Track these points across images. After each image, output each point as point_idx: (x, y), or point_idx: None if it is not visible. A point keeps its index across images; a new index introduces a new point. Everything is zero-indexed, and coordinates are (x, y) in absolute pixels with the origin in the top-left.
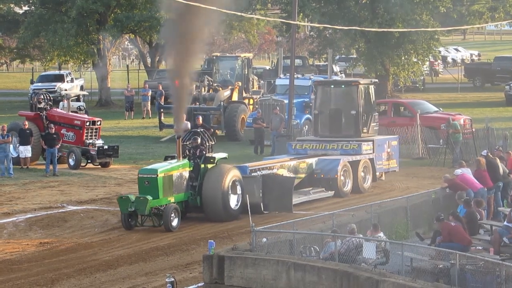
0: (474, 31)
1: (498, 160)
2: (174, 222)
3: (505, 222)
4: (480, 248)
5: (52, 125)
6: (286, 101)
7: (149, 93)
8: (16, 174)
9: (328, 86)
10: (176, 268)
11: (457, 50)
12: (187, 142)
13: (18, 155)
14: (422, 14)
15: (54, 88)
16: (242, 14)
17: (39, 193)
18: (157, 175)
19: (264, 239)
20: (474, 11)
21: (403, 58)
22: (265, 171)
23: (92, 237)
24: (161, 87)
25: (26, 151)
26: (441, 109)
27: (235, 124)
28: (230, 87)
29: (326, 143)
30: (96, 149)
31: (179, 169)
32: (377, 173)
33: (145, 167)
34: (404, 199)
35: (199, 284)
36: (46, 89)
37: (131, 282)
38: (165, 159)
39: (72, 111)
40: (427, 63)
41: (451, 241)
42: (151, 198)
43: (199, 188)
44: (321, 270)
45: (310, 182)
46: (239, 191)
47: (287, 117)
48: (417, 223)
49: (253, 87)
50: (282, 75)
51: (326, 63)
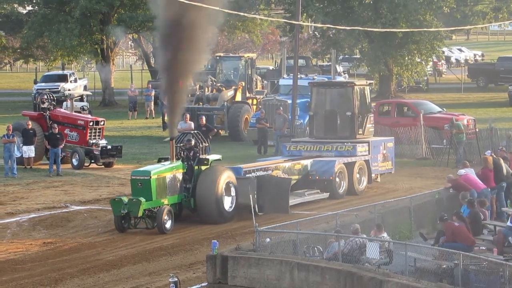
0: (478, 32)
1: (502, 161)
2: (168, 224)
3: (509, 223)
4: (484, 248)
5: (56, 125)
6: (290, 101)
7: (153, 93)
8: (20, 174)
9: (323, 87)
10: (180, 268)
11: (461, 51)
12: (181, 144)
13: (22, 155)
14: (426, 14)
15: (58, 88)
16: (245, 14)
17: (43, 193)
18: (150, 177)
19: (268, 239)
20: (478, 11)
21: (407, 58)
22: (260, 173)
23: (96, 237)
24: None
25: (30, 151)
26: (445, 110)
27: (239, 124)
28: (234, 87)
29: (321, 145)
30: (100, 149)
31: (173, 171)
32: (373, 175)
33: (138, 169)
34: (408, 199)
35: (203, 284)
36: (50, 89)
37: (135, 282)
38: (159, 161)
39: (76, 111)
40: (431, 63)
41: (455, 241)
42: (144, 200)
43: (193, 190)
44: (325, 270)
45: (305, 184)
46: (233, 193)
47: (291, 117)
48: (421, 223)
49: (257, 87)
50: (286, 75)
51: (330, 64)
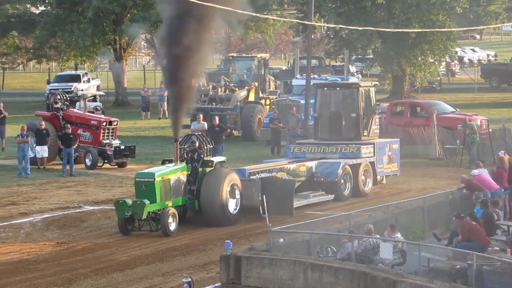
0: (491, 32)
1: None
2: (172, 227)
3: None
4: (497, 249)
5: (69, 125)
6: (303, 102)
7: (166, 93)
8: (33, 174)
9: (328, 89)
10: (193, 268)
11: (474, 51)
12: (185, 146)
13: (35, 155)
14: (439, 15)
15: (71, 88)
16: (258, 15)
17: (56, 193)
18: (154, 179)
19: (281, 240)
20: (491, 12)
21: (420, 59)
22: (264, 174)
23: (109, 237)
24: None
25: (43, 151)
26: (458, 110)
27: (252, 125)
28: (247, 88)
29: (325, 146)
30: (113, 149)
31: (177, 173)
32: (378, 177)
33: (142, 171)
34: (421, 200)
35: (216, 284)
36: (63, 89)
37: (148, 282)
38: (163, 163)
39: (89, 111)
40: (444, 64)
41: (470, 240)
42: (148, 202)
43: (197, 192)
44: (338, 271)
45: (310, 186)
46: (238, 195)
47: (304, 118)
48: (434, 224)
49: (270, 88)
50: (299, 76)
51: (343, 64)
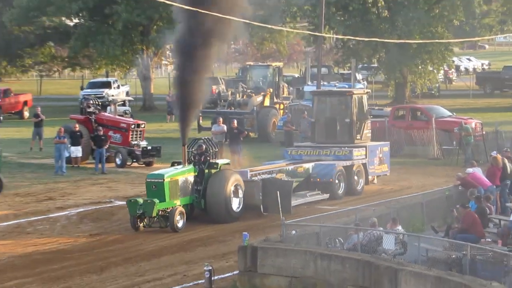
0: (485, 42)
1: (506, 160)
2: (180, 224)
3: None
4: (490, 240)
5: (101, 128)
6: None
7: None
8: (69, 172)
9: (324, 96)
10: (214, 258)
11: (469, 60)
12: (193, 149)
13: (70, 155)
14: (438, 27)
15: (102, 94)
16: (273, 27)
17: (89, 189)
18: (164, 180)
19: (293, 232)
20: (485, 24)
21: (420, 67)
22: (265, 176)
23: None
24: None
25: (77, 151)
26: (455, 114)
27: (267, 127)
28: (262, 93)
29: (320, 149)
30: (141, 150)
31: (185, 174)
32: (370, 177)
33: (153, 172)
34: (421, 196)
35: (235, 272)
36: (95, 95)
37: (173, 270)
38: (172, 165)
39: (119, 115)
40: (442, 72)
41: (469, 230)
42: (158, 201)
43: (203, 192)
44: (345, 260)
45: (307, 186)
46: (241, 195)
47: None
48: (432, 218)
49: (283, 94)
50: (310, 82)
51: (350, 72)
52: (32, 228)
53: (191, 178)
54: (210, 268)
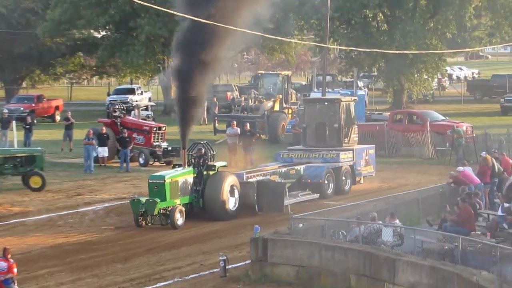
0: (475, 53)
1: (494, 160)
2: (179, 221)
3: (500, 212)
4: (479, 233)
5: (125, 130)
6: None
7: (205, 104)
8: (96, 171)
9: (315, 103)
10: (228, 248)
11: (461, 69)
12: (192, 152)
13: (97, 155)
14: (432, 39)
15: (127, 100)
16: (282, 38)
17: (115, 186)
18: (165, 181)
19: (301, 225)
20: (475, 37)
21: (416, 76)
22: (260, 177)
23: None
24: (216, 99)
25: (104, 152)
26: (447, 118)
27: (277, 130)
28: (273, 99)
29: (310, 153)
30: (162, 150)
31: (184, 175)
32: (357, 178)
33: (154, 174)
34: (416, 192)
35: (247, 262)
36: (120, 100)
37: (191, 260)
38: (173, 167)
39: (142, 119)
40: (436, 80)
41: (463, 223)
42: (159, 201)
43: (202, 192)
44: (348, 251)
45: (299, 186)
46: (237, 195)
47: None
48: (427, 212)
49: (292, 99)
50: (316, 89)
51: (352, 80)
52: (63, 222)
53: (191, 179)
54: (225, 258)
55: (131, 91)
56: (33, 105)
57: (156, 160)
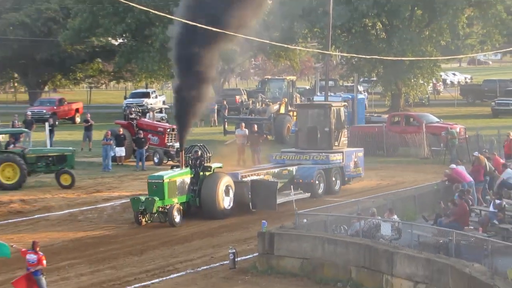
0: (468, 60)
1: (486, 160)
2: (177, 219)
3: (491, 208)
4: (472, 228)
5: (141, 131)
6: None
7: (216, 107)
8: (114, 169)
9: (307, 108)
10: (237, 242)
11: (454, 74)
12: (190, 154)
13: (115, 154)
14: (427, 47)
15: (142, 103)
16: (288, 46)
17: (131, 184)
18: (163, 181)
19: (305, 220)
20: (468, 44)
21: (413, 81)
22: (254, 177)
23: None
24: (225, 102)
25: (121, 151)
26: (442, 120)
27: (282, 131)
28: (279, 102)
29: (301, 155)
30: (175, 150)
31: (182, 176)
32: (346, 178)
33: (154, 174)
34: (413, 189)
35: (255, 254)
36: (136, 103)
37: (202, 252)
38: (172, 168)
39: (156, 121)
40: (431, 84)
41: (458, 219)
42: (158, 199)
43: (198, 191)
44: (349, 244)
45: (291, 186)
46: (231, 194)
47: None
48: (423, 208)
49: (296, 102)
50: (319, 93)
51: (353, 84)
52: (83, 217)
53: (188, 179)
54: (234, 251)
55: (146, 95)
56: (55, 108)
57: (170, 159)
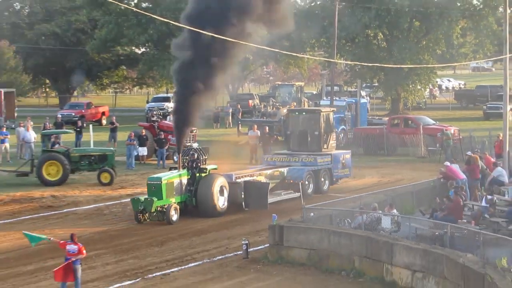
0: (461, 67)
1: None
2: (174, 218)
3: (483, 203)
4: (465, 221)
5: (162, 133)
6: None
7: (230, 110)
8: (136, 167)
9: (298, 113)
10: (250, 234)
11: (449, 80)
12: (187, 157)
13: (138, 154)
14: (424, 55)
15: (163, 106)
16: (297, 55)
17: None
18: (161, 182)
19: (312, 214)
20: (462, 53)
21: (411, 86)
22: (247, 178)
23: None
24: (239, 106)
25: (143, 151)
26: (437, 122)
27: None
28: (288, 106)
29: (291, 157)
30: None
31: (179, 177)
32: (334, 179)
33: (152, 176)
34: (411, 186)
35: (266, 245)
36: (158, 107)
37: (217, 244)
38: (170, 169)
39: None
40: (428, 90)
41: (454, 212)
42: (156, 199)
43: (195, 192)
44: (352, 236)
45: (282, 186)
46: (225, 194)
47: None
48: (420, 203)
49: (304, 106)
50: (325, 98)
51: (356, 89)
52: (108, 211)
53: (185, 180)
54: (247, 242)
55: (167, 99)
56: (83, 111)
57: None
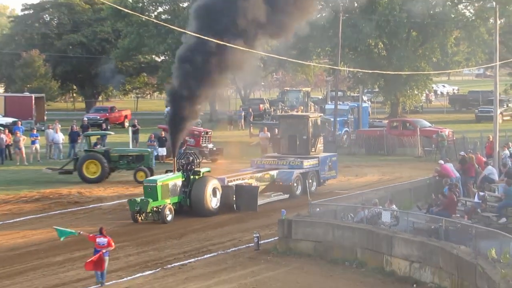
0: (455, 74)
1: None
2: (169, 218)
3: (476, 199)
4: (458, 216)
5: None
6: (332, 119)
7: (243, 113)
8: (156, 166)
9: (288, 119)
10: (261, 227)
11: (444, 86)
12: (182, 160)
13: (158, 154)
14: (421, 63)
15: None
16: (304, 62)
17: None
18: (157, 184)
19: (318, 209)
20: (455, 61)
21: (409, 91)
22: (238, 181)
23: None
24: (251, 110)
25: (163, 151)
26: (433, 125)
27: None
28: (296, 110)
29: (279, 160)
30: (208, 150)
31: (174, 179)
32: (321, 180)
33: (148, 178)
34: (409, 183)
35: (275, 238)
36: None
37: (232, 236)
38: (166, 172)
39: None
40: (424, 95)
41: (448, 208)
42: (152, 200)
43: (189, 193)
44: (355, 230)
45: (272, 188)
46: (218, 196)
47: (333, 129)
48: (417, 199)
49: (311, 110)
50: (330, 102)
51: (358, 94)
52: None
53: (179, 182)
54: (258, 235)
55: None
56: (107, 114)
57: (204, 158)
